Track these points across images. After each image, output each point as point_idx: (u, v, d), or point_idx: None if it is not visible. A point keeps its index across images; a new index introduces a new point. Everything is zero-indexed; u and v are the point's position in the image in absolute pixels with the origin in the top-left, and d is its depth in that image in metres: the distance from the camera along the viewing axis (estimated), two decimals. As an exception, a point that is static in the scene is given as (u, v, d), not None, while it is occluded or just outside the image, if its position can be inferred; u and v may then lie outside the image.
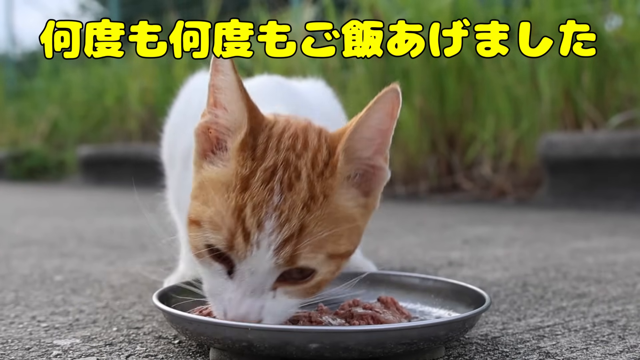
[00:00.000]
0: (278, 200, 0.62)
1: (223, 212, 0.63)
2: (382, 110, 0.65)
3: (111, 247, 1.52)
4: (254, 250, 0.62)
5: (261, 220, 0.62)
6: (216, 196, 0.64)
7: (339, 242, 0.65)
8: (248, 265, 0.63)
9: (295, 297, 0.66)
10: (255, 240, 0.61)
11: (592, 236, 1.68)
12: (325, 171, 0.65)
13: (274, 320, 0.65)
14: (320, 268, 0.64)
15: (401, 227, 1.94)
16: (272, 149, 0.65)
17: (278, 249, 0.61)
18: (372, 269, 1.04)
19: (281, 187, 0.63)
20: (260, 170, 0.64)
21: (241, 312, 0.63)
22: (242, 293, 0.63)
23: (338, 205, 0.65)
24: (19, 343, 0.72)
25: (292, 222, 0.62)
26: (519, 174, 2.97)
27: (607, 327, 0.78)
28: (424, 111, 3.12)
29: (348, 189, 0.67)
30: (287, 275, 0.64)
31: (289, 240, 0.62)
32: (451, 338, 0.67)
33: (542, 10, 2.87)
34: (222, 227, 0.63)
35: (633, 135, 2.46)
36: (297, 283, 0.65)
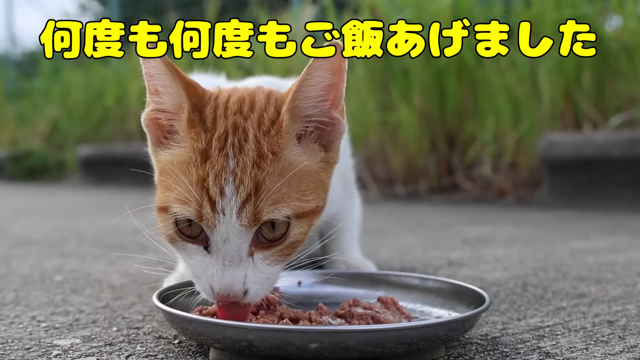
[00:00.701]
0: (233, 165, 0.65)
1: (189, 186, 0.65)
2: (322, 67, 0.67)
3: (111, 247, 1.52)
4: (221, 217, 0.64)
5: (222, 186, 0.64)
6: (180, 175, 0.66)
7: (305, 197, 0.67)
8: (219, 234, 0.64)
9: (275, 263, 0.68)
10: (220, 207, 0.64)
11: (592, 236, 1.68)
12: (271, 130, 0.67)
13: (259, 289, 0.66)
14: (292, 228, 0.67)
15: (401, 227, 1.94)
16: (220, 116, 0.68)
17: (239, 211, 0.64)
18: (372, 268, 1.04)
19: (234, 151, 0.65)
20: (214, 139, 0.66)
21: (225, 282, 0.64)
22: (222, 264, 0.65)
23: (293, 162, 0.67)
24: (19, 343, 0.72)
25: (245, 183, 0.64)
26: (519, 174, 2.97)
27: (607, 327, 0.78)
28: (424, 111, 3.12)
29: (305, 146, 0.69)
30: (260, 239, 0.66)
31: (247, 200, 0.64)
32: (451, 338, 0.67)
33: (542, 10, 2.87)
34: (190, 201, 0.64)
35: (633, 135, 2.46)
36: (272, 246, 0.67)
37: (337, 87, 0.70)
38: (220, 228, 0.64)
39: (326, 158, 0.72)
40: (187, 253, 0.68)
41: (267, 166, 0.65)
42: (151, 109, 0.71)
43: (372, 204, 2.79)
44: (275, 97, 0.71)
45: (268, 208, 0.64)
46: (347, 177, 1.11)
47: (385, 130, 3.25)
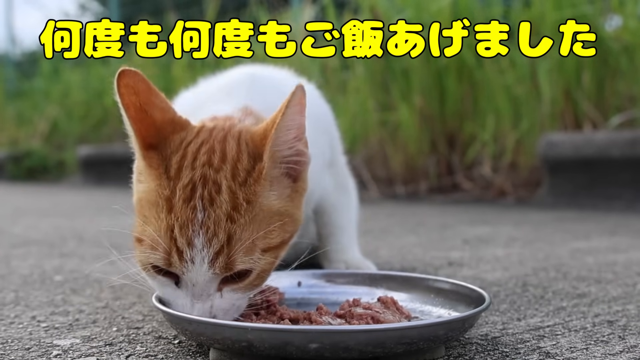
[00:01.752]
0: (202, 217, 0.65)
1: (157, 232, 0.66)
2: (294, 109, 0.68)
3: (111, 247, 1.51)
4: (189, 265, 0.66)
5: (190, 238, 0.65)
6: (150, 215, 0.68)
7: (271, 236, 0.69)
8: (188, 279, 0.66)
9: (241, 292, 0.69)
10: (188, 257, 0.65)
11: (592, 236, 1.68)
12: (248, 179, 0.68)
13: (226, 316, 0.68)
14: (257, 265, 0.68)
15: (401, 227, 1.94)
16: (187, 167, 0.68)
17: (212, 261, 0.65)
18: (372, 268, 1.04)
19: (203, 204, 0.66)
20: (178, 189, 0.67)
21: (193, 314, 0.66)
22: (190, 300, 0.67)
23: (265, 206, 0.68)
24: (18, 343, 0.72)
25: (219, 236, 0.65)
26: (519, 174, 2.97)
27: (607, 327, 0.78)
28: (424, 111, 3.12)
29: (278, 185, 0.71)
30: (228, 277, 0.67)
31: (220, 251, 0.65)
32: (451, 338, 0.67)
33: (542, 10, 2.87)
34: (158, 247, 0.66)
35: (633, 135, 2.46)
36: (239, 281, 0.68)
37: (302, 124, 0.71)
38: (189, 275, 0.66)
39: (295, 188, 0.73)
40: (158, 283, 0.70)
41: (241, 217, 0.66)
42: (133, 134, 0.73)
43: (372, 204, 2.79)
44: (245, 142, 0.71)
45: (241, 258, 0.66)
46: (340, 173, 1.11)
47: (385, 130, 3.25)
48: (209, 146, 0.70)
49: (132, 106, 0.70)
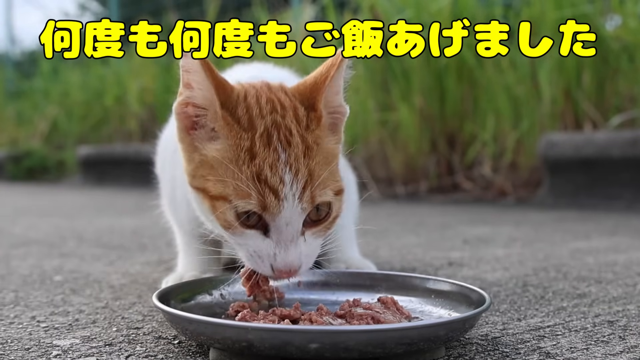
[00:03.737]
0: (285, 157, 0.71)
1: (246, 181, 0.71)
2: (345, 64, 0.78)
3: (111, 247, 1.52)
4: (284, 203, 0.70)
5: (281, 176, 0.71)
6: (231, 170, 0.72)
7: (336, 177, 0.76)
8: (284, 219, 0.71)
9: (319, 237, 0.76)
10: (283, 194, 0.70)
11: (592, 236, 1.68)
12: (310, 125, 0.75)
13: (309, 261, 0.75)
14: (334, 203, 0.75)
15: (401, 227, 1.94)
16: (257, 117, 0.74)
17: (300, 195, 0.71)
18: (372, 268, 1.04)
19: (282, 146, 0.72)
20: (257, 138, 0.72)
21: (288, 260, 0.72)
22: (285, 245, 0.72)
23: (326, 149, 0.76)
24: (18, 343, 0.72)
25: (302, 171, 0.71)
26: (519, 174, 2.97)
27: (608, 328, 0.78)
28: (424, 111, 3.12)
29: (328, 133, 0.78)
30: (308, 219, 0.73)
31: (306, 186, 0.71)
32: (451, 338, 0.67)
33: (542, 10, 2.87)
34: (250, 194, 0.70)
35: (633, 135, 2.46)
36: (319, 223, 0.75)
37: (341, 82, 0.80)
38: (285, 213, 0.71)
39: (337, 140, 0.80)
40: (244, 237, 0.73)
41: (315, 156, 0.73)
42: (182, 99, 0.77)
43: (372, 204, 2.79)
44: (292, 94, 0.78)
45: (320, 192, 0.73)
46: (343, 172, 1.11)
47: (385, 130, 3.24)
48: (266, 97, 0.76)
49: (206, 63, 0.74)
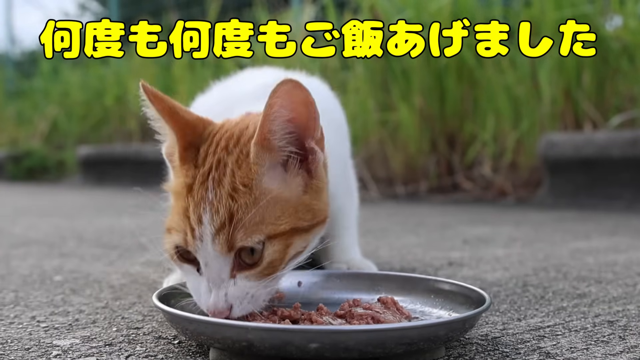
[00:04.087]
0: (211, 196, 0.71)
1: (178, 215, 0.72)
2: (277, 104, 0.71)
3: (111, 247, 1.52)
4: (199, 244, 0.70)
5: (200, 215, 0.70)
6: (175, 204, 0.74)
7: (278, 222, 0.72)
8: (201, 259, 0.71)
9: (255, 280, 0.72)
10: (198, 234, 0.70)
11: (592, 236, 1.68)
12: (243, 163, 0.73)
13: (242, 305, 0.71)
14: (266, 249, 0.71)
15: (401, 227, 1.94)
16: (210, 154, 0.74)
17: (214, 238, 0.69)
18: (373, 268, 1.04)
19: (213, 184, 0.71)
20: (199, 175, 0.73)
21: (210, 302, 0.70)
22: (207, 286, 0.71)
23: (266, 190, 0.72)
24: (18, 343, 0.72)
25: (220, 213, 0.70)
26: (519, 174, 2.97)
27: (608, 328, 0.78)
28: (424, 111, 3.12)
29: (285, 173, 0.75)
30: (240, 262, 0.71)
31: (222, 228, 0.69)
32: (451, 338, 0.67)
33: (542, 10, 2.87)
34: (179, 229, 0.72)
35: (633, 135, 2.46)
36: (251, 268, 0.71)
37: (300, 120, 0.73)
38: (201, 253, 0.70)
39: (310, 184, 0.76)
40: (184, 271, 0.74)
41: (240, 198, 0.70)
42: (165, 146, 0.79)
43: (372, 204, 2.79)
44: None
45: (242, 237, 0.69)
46: (348, 176, 1.11)
47: (385, 130, 3.24)
48: (229, 133, 0.76)
49: (166, 110, 0.75)
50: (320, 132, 0.76)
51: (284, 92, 0.71)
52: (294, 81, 0.70)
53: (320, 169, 0.77)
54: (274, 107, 0.71)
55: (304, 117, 0.73)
